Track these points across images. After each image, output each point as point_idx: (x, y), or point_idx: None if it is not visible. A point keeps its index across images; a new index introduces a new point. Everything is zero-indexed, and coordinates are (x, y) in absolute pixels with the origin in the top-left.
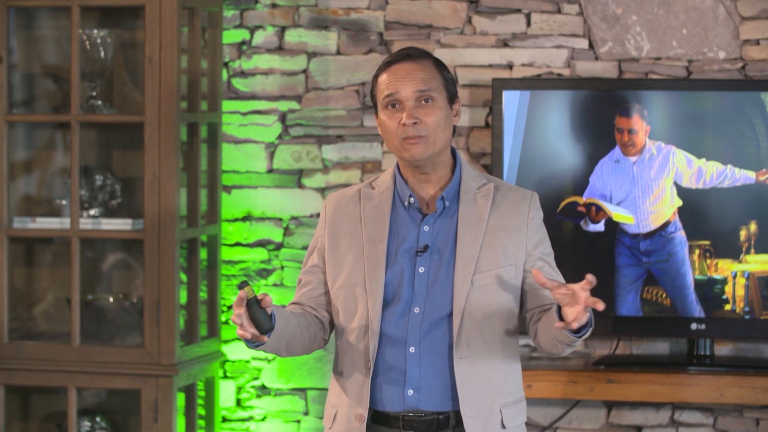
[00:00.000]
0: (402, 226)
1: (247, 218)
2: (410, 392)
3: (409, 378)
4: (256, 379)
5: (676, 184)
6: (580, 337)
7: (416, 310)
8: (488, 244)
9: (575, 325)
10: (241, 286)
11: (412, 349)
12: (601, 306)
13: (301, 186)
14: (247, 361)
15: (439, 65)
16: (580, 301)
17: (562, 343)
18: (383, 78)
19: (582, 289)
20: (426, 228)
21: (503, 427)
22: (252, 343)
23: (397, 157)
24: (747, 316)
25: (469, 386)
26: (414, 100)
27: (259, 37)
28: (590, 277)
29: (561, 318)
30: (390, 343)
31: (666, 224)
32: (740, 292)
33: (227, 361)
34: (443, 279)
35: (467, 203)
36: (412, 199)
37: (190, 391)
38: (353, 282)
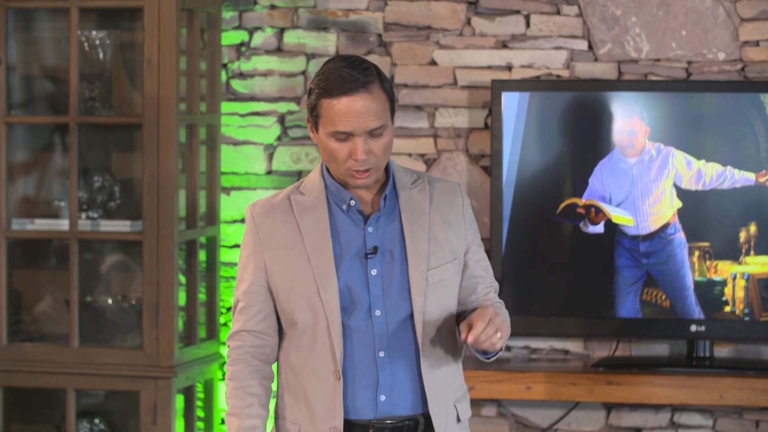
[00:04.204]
0: (344, 230)
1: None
2: (383, 398)
3: (381, 383)
4: None
5: (675, 185)
6: (488, 360)
7: (377, 313)
8: (434, 238)
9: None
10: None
11: (381, 354)
12: (491, 344)
13: None
14: None
15: (383, 81)
16: (474, 329)
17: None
18: (334, 107)
19: (477, 323)
20: (370, 229)
21: (458, 421)
22: None
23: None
24: (746, 318)
25: (434, 385)
26: (366, 134)
27: (258, 39)
28: (478, 325)
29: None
30: (357, 348)
31: (665, 226)
32: (740, 293)
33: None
34: (398, 279)
35: (406, 199)
36: (353, 202)
37: (189, 393)
38: (306, 293)
